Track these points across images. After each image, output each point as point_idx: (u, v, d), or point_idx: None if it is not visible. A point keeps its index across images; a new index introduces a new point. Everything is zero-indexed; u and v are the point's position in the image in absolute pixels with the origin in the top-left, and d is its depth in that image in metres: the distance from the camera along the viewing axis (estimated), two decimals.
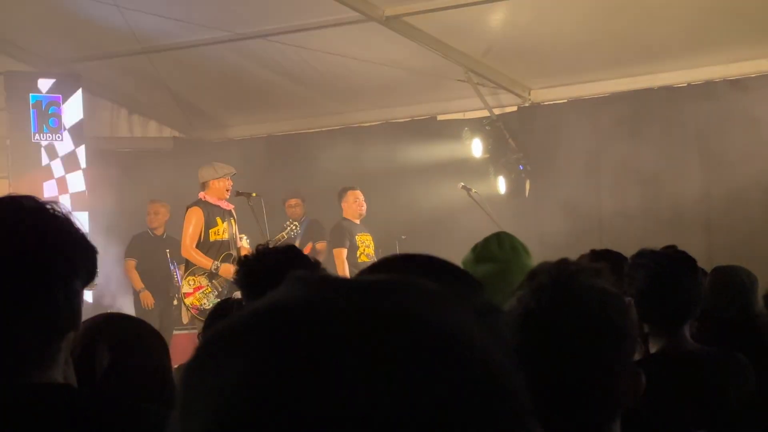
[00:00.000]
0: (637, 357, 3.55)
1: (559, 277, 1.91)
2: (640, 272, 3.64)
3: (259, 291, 2.48)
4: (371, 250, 10.94)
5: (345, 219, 11.11)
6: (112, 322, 2.87)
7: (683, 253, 3.74)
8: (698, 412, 3.42)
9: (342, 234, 10.93)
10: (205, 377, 0.76)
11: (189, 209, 10.21)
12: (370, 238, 11.08)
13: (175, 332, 10.29)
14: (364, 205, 11.19)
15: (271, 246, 4.21)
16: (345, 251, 10.80)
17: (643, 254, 3.73)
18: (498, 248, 3.36)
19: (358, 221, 11.12)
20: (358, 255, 10.83)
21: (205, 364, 0.78)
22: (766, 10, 9.91)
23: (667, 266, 3.64)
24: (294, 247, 4.25)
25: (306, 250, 10.13)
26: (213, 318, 4.46)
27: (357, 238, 10.93)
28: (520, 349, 1.92)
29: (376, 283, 0.81)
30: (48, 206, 1.92)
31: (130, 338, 2.79)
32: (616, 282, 2.85)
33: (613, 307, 1.91)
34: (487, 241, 3.41)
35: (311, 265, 3.87)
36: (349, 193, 11.21)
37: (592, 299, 1.89)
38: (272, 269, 3.71)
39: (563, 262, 1.97)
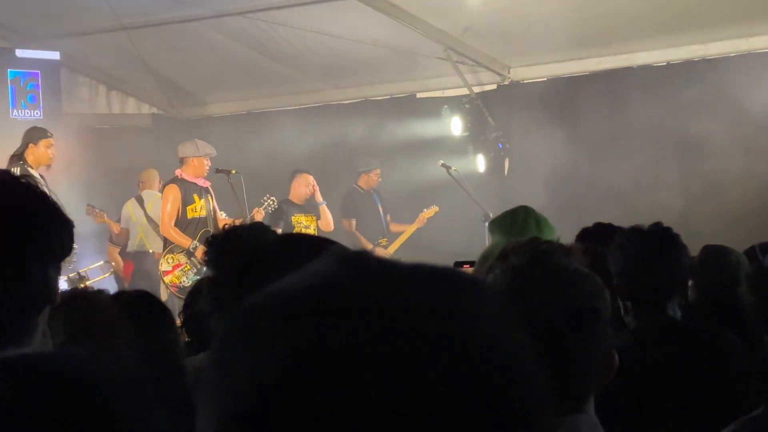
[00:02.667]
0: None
1: (532, 257, 1.92)
2: (622, 251, 3.63)
3: (228, 270, 2.48)
4: (312, 231, 10.93)
5: (285, 201, 11.17)
6: (75, 297, 2.85)
7: (666, 230, 3.71)
8: (681, 388, 3.43)
9: (278, 216, 11.02)
10: (247, 344, 0.80)
11: (165, 187, 10.22)
12: (310, 218, 11.12)
13: None
14: (311, 189, 11.23)
15: (248, 221, 4.18)
16: (279, 231, 10.84)
17: (625, 233, 3.71)
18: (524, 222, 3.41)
19: (301, 202, 11.18)
20: None
21: (251, 331, 0.81)
22: None
23: (647, 245, 3.62)
24: (261, 224, 4.19)
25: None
26: (193, 295, 4.46)
27: (293, 218, 11.01)
28: None
29: (412, 272, 0.85)
30: (23, 180, 1.91)
31: (89, 317, 2.76)
32: (592, 260, 2.86)
33: (586, 287, 1.92)
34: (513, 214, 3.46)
35: None
36: (300, 176, 11.31)
37: (565, 280, 1.90)
38: (240, 248, 3.65)
39: (533, 242, 1.98)
